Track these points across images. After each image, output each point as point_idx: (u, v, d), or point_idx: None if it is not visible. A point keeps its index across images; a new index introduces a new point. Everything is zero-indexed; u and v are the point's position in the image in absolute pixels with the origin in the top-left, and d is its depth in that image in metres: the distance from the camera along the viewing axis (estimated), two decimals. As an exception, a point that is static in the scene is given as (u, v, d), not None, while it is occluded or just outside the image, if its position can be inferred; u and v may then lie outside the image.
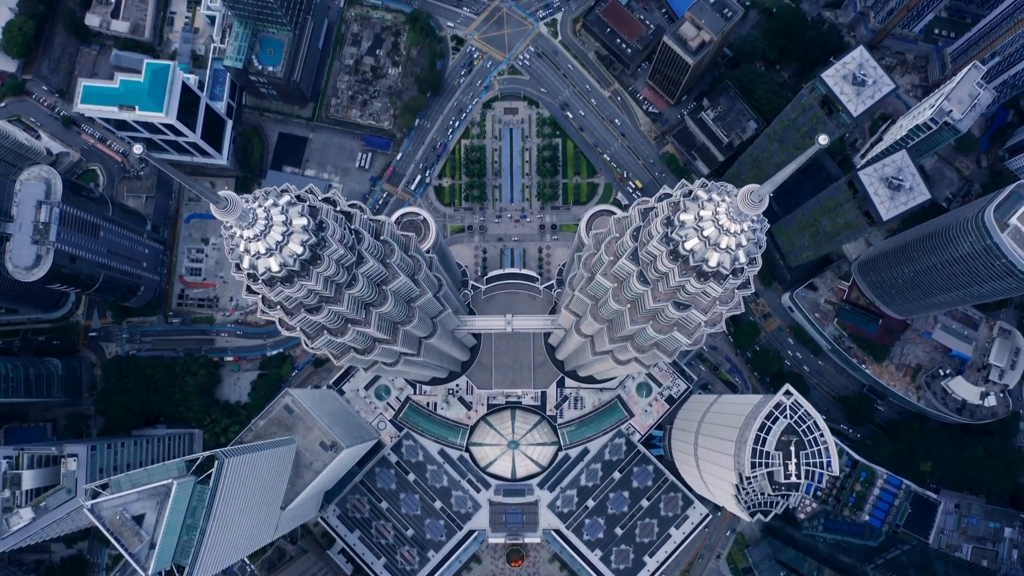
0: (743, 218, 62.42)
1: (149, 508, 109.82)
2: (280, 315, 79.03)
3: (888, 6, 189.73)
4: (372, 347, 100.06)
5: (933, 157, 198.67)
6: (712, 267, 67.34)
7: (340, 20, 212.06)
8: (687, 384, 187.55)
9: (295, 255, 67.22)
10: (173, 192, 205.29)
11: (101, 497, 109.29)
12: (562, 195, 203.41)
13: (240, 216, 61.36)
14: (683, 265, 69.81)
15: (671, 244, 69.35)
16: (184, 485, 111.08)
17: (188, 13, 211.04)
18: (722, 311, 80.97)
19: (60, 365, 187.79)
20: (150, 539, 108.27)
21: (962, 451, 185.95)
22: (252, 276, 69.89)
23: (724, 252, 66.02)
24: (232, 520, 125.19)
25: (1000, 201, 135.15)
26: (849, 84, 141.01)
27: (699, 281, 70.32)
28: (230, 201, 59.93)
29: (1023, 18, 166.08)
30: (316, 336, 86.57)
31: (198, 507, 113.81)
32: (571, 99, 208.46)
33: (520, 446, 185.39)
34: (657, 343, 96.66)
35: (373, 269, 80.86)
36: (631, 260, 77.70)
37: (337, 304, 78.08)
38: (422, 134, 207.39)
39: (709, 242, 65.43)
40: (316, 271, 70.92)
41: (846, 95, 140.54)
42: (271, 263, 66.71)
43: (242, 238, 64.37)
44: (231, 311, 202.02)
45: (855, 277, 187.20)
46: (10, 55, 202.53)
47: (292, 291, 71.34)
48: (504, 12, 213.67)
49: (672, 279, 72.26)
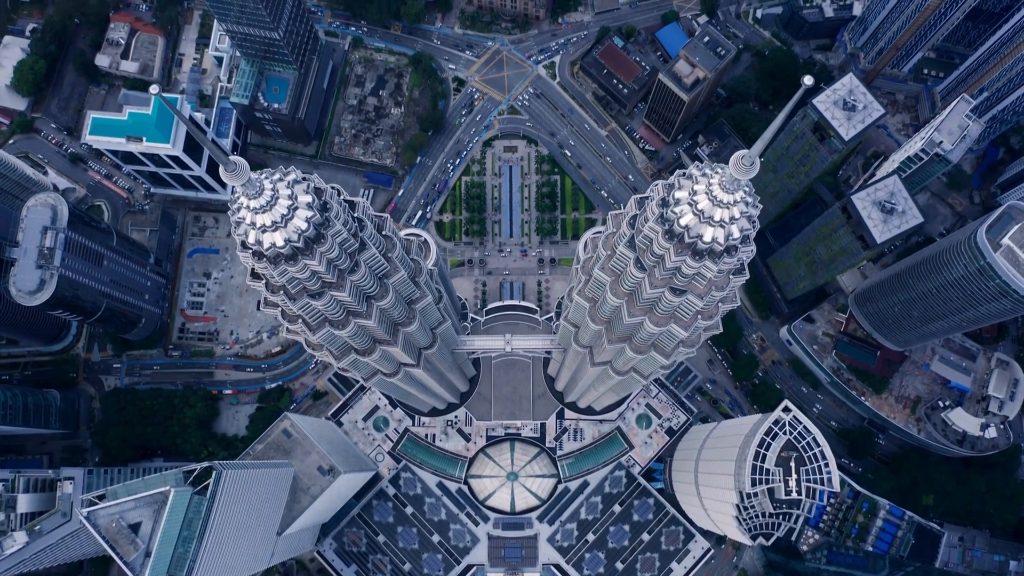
0: (736, 187, 64.26)
1: (146, 516, 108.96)
2: (283, 301, 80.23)
3: (877, 46, 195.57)
4: (372, 348, 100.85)
5: (926, 193, 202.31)
6: (707, 242, 68.88)
7: (345, 62, 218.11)
8: (687, 416, 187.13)
9: (299, 231, 68.73)
10: (177, 227, 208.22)
11: (97, 505, 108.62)
12: (560, 230, 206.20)
13: (247, 183, 63.11)
14: (679, 244, 71.36)
15: (667, 224, 71.02)
16: (182, 494, 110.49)
17: (196, 55, 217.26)
18: (718, 299, 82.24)
19: (59, 397, 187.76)
20: (145, 547, 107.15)
21: (964, 484, 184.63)
22: (257, 254, 71.30)
23: (718, 226, 67.65)
24: (228, 537, 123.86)
25: (992, 222, 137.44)
26: (840, 109, 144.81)
27: (695, 260, 71.77)
28: (239, 166, 61.78)
29: (1008, 53, 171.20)
30: (318, 328, 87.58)
31: (195, 519, 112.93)
32: (569, 138, 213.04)
33: (519, 478, 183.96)
34: (655, 343, 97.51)
35: (375, 259, 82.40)
36: (628, 247, 79.31)
37: (340, 290, 79.33)
38: (423, 171, 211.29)
39: (703, 216, 67.13)
40: (320, 250, 72.37)
41: (837, 120, 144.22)
42: (276, 237, 68.15)
43: (248, 209, 65.95)
44: (231, 344, 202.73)
45: (852, 309, 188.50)
46: (20, 93, 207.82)
47: (295, 270, 72.62)
48: (504, 55, 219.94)
49: (668, 260, 73.72)
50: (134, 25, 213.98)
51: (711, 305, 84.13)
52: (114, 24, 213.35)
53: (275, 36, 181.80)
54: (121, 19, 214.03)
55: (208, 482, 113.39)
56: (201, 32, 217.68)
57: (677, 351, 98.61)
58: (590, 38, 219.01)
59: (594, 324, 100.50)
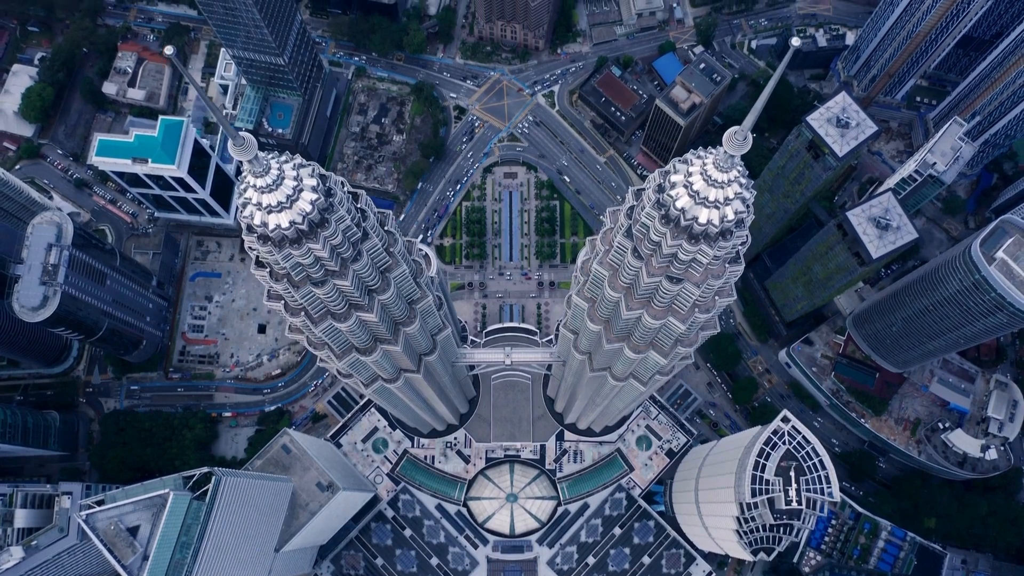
0: (730, 165, 65.94)
1: (144, 520, 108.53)
2: (286, 290, 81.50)
3: (870, 74, 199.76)
4: (374, 347, 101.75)
5: (922, 218, 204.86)
6: (703, 224, 70.28)
7: (348, 91, 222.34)
8: (687, 437, 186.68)
9: (304, 213, 70.18)
10: (179, 251, 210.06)
11: (96, 508, 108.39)
12: (560, 254, 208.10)
13: (254, 159, 64.74)
14: (675, 228, 72.78)
15: (663, 208, 72.57)
16: (181, 498, 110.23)
17: (202, 83, 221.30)
18: (714, 289, 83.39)
19: (58, 418, 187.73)
20: (143, 551, 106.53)
21: (966, 507, 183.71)
22: (263, 237, 72.70)
23: (713, 207, 69.13)
24: (226, 548, 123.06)
25: (985, 236, 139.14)
26: (833, 127, 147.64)
27: (691, 244, 73.08)
28: (247, 141, 63.46)
29: (999, 78, 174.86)
30: (321, 321, 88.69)
31: (193, 525, 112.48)
32: (568, 164, 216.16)
33: (519, 500, 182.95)
34: (653, 341, 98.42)
35: (377, 250, 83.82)
36: (625, 236, 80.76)
37: (342, 279, 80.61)
38: (424, 196, 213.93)
39: (699, 197, 68.67)
40: (323, 234, 73.77)
41: (831, 136, 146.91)
42: (281, 219, 69.60)
43: (254, 188, 67.48)
44: (231, 367, 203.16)
45: (850, 331, 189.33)
46: (28, 120, 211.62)
47: (299, 254, 73.90)
48: (504, 84, 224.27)
49: (665, 246, 75.05)
50: (141, 54, 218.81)
51: (708, 297, 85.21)
52: (122, 53, 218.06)
53: (280, 62, 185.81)
54: (129, 48, 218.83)
55: (207, 487, 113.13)
56: (207, 61, 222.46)
57: (675, 350, 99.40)
58: (588, 68, 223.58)
59: (593, 324, 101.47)
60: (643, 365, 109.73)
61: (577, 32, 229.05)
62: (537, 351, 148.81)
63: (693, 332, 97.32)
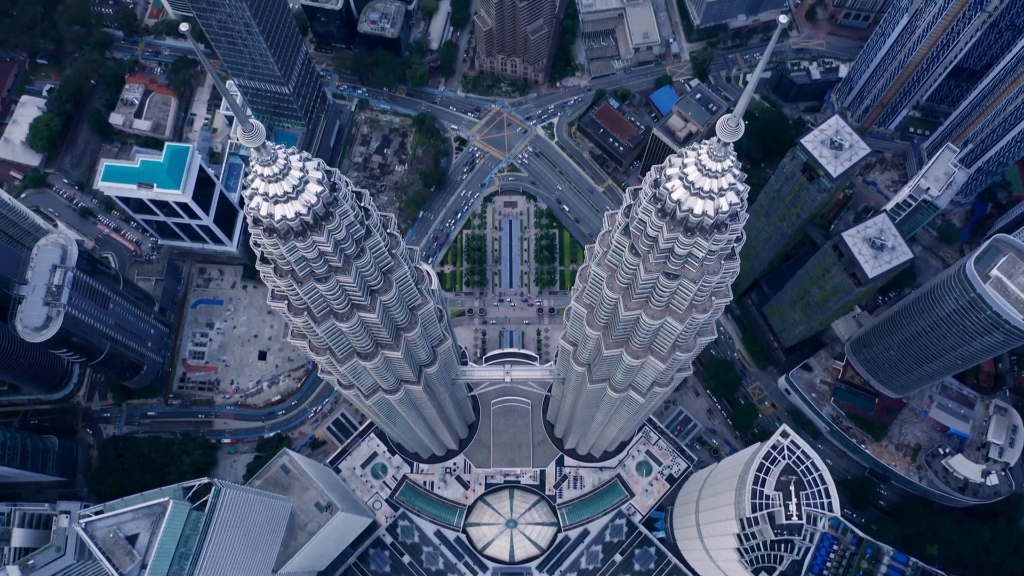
0: (724, 154, 67.84)
1: (143, 528, 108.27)
2: (290, 287, 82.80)
3: (864, 104, 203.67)
4: (375, 352, 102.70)
5: (918, 247, 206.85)
6: (698, 216, 71.88)
7: (351, 122, 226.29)
8: (687, 463, 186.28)
9: (309, 204, 71.76)
10: (182, 278, 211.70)
11: (95, 517, 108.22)
12: (559, 281, 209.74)
13: (262, 147, 66.59)
14: (671, 221, 74.41)
15: (659, 203, 74.33)
16: (180, 506, 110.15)
17: (208, 115, 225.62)
18: (711, 287, 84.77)
19: (57, 443, 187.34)
20: (141, 559, 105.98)
21: (968, 534, 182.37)
22: (269, 229, 74.25)
23: (707, 198, 70.82)
24: (223, 563, 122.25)
25: (980, 254, 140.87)
26: (827, 148, 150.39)
27: (687, 236, 74.64)
28: (256, 128, 65.34)
29: (990, 105, 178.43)
30: (323, 320, 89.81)
31: (192, 536, 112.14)
32: (567, 194, 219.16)
33: (518, 525, 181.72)
34: (652, 346, 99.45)
35: (379, 249, 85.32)
36: (623, 234, 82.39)
37: (345, 275, 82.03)
38: (425, 225, 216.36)
39: (694, 187, 70.41)
40: (328, 227, 75.24)
41: (825, 158, 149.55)
42: (287, 209, 71.12)
43: (262, 178, 69.18)
44: (231, 394, 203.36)
45: (848, 356, 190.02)
46: (35, 149, 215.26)
47: (304, 246, 75.32)
48: (504, 117, 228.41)
49: (661, 240, 76.56)
50: (149, 86, 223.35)
51: (705, 295, 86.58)
52: (129, 85, 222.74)
53: (285, 91, 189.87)
54: (136, 80, 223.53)
55: (207, 498, 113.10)
56: (213, 93, 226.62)
57: (674, 356, 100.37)
58: (587, 101, 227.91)
59: (592, 330, 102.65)
60: (642, 374, 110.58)
61: (576, 66, 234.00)
62: (537, 369, 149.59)
63: (691, 336, 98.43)
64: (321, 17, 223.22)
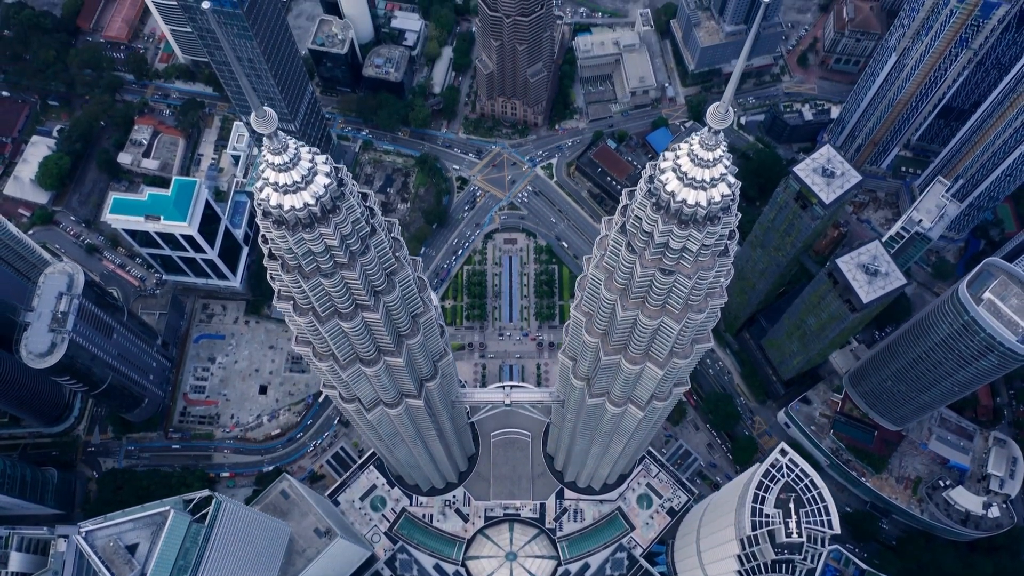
0: (715, 143, 70.64)
1: (143, 538, 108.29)
2: (295, 284, 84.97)
3: (855, 144, 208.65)
4: (377, 359, 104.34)
5: (913, 284, 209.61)
6: (691, 207, 74.43)
7: (355, 162, 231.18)
8: (688, 496, 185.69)
9: (318, 196, 74.43)
10: (185, 313, 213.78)
11: (95, 527, 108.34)
12: (559, 315, 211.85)
13: (274, 134, 69.50)
14: (665, 214, 77.08)
15: (654, 197, 77.06)
16: (180, 517, 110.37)
17: (215, 155, 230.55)
18: (705, 285, 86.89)
19: (56, 475, 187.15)
20: (141, 568, 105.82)
21: (971, 568, 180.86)
22: (278, 221, 76.83)
23: (700, 189, 73.48)
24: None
25: (971, 278, 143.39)
26: (819, 176, 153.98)
27: (681, 228, 77.20)
28: (268, 115, 68.33)
29: (979, 140, 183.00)
30: (327, 319, 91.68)
31: (191, 548, 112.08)
32: (566, 231, 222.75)
33: (518, 558, 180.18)
34: (649, 352, 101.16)
35: (383, 248, 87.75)
36: (620, 232, 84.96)
37: (350, 271, 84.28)
38: (427, 261, 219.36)
39: (687, 178, 73.12)
40: (335, 220, 77.94)
41: (817, 185, 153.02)
42: (296, 200, 73.79)
43: (272, 167, 72.01)
44: (231, 427, 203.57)
45: (847, 389, 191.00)
46: (44, 187, 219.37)
47: (311, 238, 77.70)
48: (504, 157, 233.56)
49: (656, 234, 79.01)
50: (157, 127, 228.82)
51: (700, 294, 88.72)
52: (138, 126, 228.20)
53: (291, 128, 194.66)
54: (145, 122, 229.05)
55: (207, 510, 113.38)
56: (220, 135, 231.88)
57: (671, 362, 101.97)
58: (585, 142, 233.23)
59: (591, 337, 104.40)
60: (640, 385, 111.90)
61: (574, 109, 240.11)
62: (536, 391, 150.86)
63: (688, 340, 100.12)
64: (327, 62, 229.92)
